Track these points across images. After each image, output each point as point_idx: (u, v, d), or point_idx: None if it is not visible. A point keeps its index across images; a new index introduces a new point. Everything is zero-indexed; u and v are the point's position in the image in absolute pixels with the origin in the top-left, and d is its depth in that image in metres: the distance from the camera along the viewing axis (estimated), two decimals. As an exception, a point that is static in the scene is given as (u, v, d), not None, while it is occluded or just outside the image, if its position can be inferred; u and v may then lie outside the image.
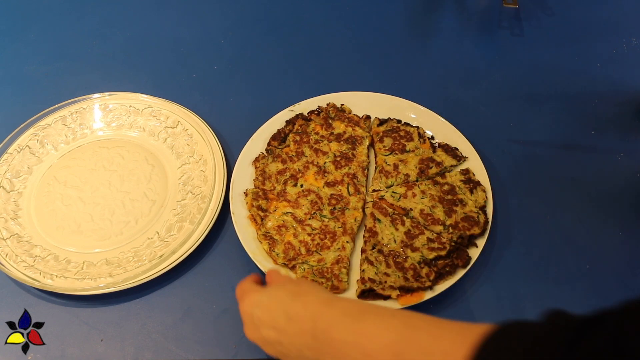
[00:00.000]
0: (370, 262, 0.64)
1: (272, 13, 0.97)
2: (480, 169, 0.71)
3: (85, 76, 0.88)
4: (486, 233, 0.65)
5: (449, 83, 0.86)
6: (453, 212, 0.68)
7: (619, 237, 0.68)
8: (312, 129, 0.77)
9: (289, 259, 0.65)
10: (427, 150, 0.74)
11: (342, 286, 0.63)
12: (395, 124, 0.77)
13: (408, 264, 0.64)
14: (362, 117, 0.78)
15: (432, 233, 0.67)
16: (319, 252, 0.66)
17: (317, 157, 0.74)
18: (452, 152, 0.73)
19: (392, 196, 0.70)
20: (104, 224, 0.70)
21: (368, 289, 0.62)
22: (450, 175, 0.71)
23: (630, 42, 0.91)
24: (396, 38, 0.93)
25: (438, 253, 0.64)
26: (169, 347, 0.61)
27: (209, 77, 0.87)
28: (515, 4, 0.93)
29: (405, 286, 0.61)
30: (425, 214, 0.68)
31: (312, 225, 0.68)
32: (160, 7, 0.98)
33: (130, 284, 0.63)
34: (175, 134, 0.78)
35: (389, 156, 0.74)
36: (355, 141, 0.75)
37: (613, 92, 0.83)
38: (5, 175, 0.74)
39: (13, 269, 0.65)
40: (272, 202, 0.70)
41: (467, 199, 0.69)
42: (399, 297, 0.61)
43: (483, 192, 0.69)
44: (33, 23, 0.97)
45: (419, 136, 0.75)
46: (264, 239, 0.66)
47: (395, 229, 0.67)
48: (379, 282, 0.62)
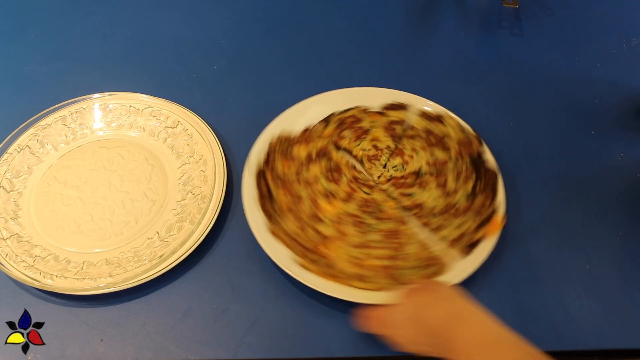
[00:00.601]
0: (439, 227, 0.66)
1: (272, 13, 0.97)
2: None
3: (85, 76, 0.88)
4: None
5: (448, 83, 0.86)
6: (446, 146, 0.73)
7: (619, 237, 0.68)
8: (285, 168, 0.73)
9: (391, 277, 0.62)
10: (380, 119, 0.77)
11: (447, 262, 0.63)
12: (337, 117, 0.78)
13: (461, 207, 0.68)
14: (307, 130, 0.76)
15: (450, 172, 0.71)
16: (401, 253, 0.64)
17: (311, 188, 0.70)
18: (398, 106, 0.77)
19: (395, 170, 0.72)
20: (104, 224, 0.70)
21: (466, 243, 0.64)
22: (415, 123, 0.76)
23: (630, 42, 0.91)
24: (396, 38, 0.93)
25: (471, 181, 0.69)
26: (169, 347, 0.61)
27: (209, 77, 0.87)
28: (515, 4, 0.93)
29: (478, 223, 0.66)
30: (431, 163, 0.72)
31: (375, 239, 0.65)
32: (160, 7, 0.99)
33: (130, 284, 0.63)
34: (175, 134, 0.78)
35: (361, 143, 0.75)
36: (325, 154, 0.74)
37: (613, 92, 0.83)
38: (5, 175, 0.74)
39: (13, 269, 0.65)
40: (322, 250, 0.65)
41: (444, 129, 0.75)
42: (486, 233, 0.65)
43: (450, 118, 0.75)
44: (33, 23, 0.97)
45: (363, 112, 0.78)
46: (356, 279, 0.62)
47: (427, 190, 0.70)
48: (463, 234, 0.65)
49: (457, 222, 0.67)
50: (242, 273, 0.66)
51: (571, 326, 0.61)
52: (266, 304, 0.63)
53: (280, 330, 0.61)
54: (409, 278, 0.62)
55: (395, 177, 0.72)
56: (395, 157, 0.74)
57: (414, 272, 0.63)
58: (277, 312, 0.63)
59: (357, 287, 0.61)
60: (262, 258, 0.65)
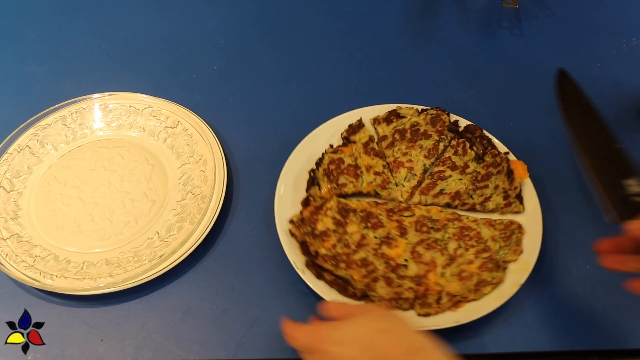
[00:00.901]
0: (484, 201, 0.69)
1: (273, 13, 0.97)
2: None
3: (85, 76, 0.88)
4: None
5: (448, 83, 0.86)
6: (425, 133, 0.75)
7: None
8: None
9: (496, 266, 0.63)
10: (353, 148, 0.74)
11: (518, 221, 0.66)
12: (321, 172, 0.71)
13: (481, 172, 0.71)
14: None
15: (447, 152, 0.73)
16: (484, 241, 0.65)
17: (367, 246, 0.65)
18: (356, 128, 0.75)
19: (408, 181, 0.72)
20: (104, 224, 0.70)
21: (514, 198, 0.68)
22: (382, 132, 0.75)
23: (630, 42, 0.91)
24: (396, 38, 0.93)
25: (468, 148, 0.73)
26: (169, 347, 0.61)
27: (209, 77, 0.87)
28: (515, 4, 0.93)
29: (505, 175, 0.69)
30: (428, 155, 0.73)
31: (454, 247, 0.65)
32: (160, 7, 0.98)
33: (130, 284, 0.63)
34: (175, 134, 0.78)
35: (363, 179, 0.71)
36: (345, 210, 0.68)
37: (613, 92, 0.83)
38: (5, 175, 0.74)
39: (13, 269, 0.65)
40: (429, 288, 0.61)
41: (408, 121, 0.76)
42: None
43: (404, 109, 0.76)
44: (33, 23, 0.97)
45: (336, 152, 0.73)
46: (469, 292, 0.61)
47: (447, 179, 0.71)
48: (504, 191, 0.68)
49: (491, 186, 0.70)
50: (242, 273, 0.66)
51: (571, 326, 0.61)
52: (266, 304, 0.63)
53: (280, 330, 0.61)
54: (509, 257, 0.63)
55: (414, 187, 0.71)
56: (398, 171, 0.72)
57: (507, 250, 0.64)
58: (277, 312, 0.63)
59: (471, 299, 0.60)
60: (262, 258, 0.65)
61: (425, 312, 0.59)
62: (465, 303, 0.60)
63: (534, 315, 0.62)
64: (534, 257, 0.63)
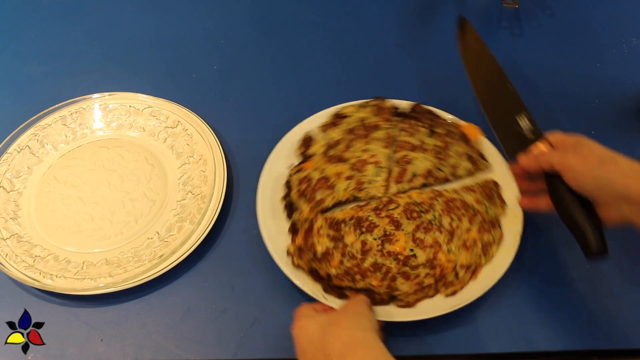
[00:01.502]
0: (454, 170, 0.71)
1: (273, 13, 0.97)
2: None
3: (85, 76, 0.88)
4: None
5: (448, 83, 0.85)
6: (372, 126, 0.75)
7: (619, 236, 0.68)
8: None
9: (492, 225, 0.66)
10: (314, 162, 0.72)
11: (492, 178, 0.71)
12: (293, 197, 0.69)
13: (439, 145, 0.72)
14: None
15: (400, 136, 0.74)
16: (472, 208, 0.67)
17: (372, 250, 0.65)
18: (307, 141, 0.74)
19: (379, 175, 0.71)
20: (104, 224, 0.70)
21: (478, 158, 0.72)
22: (333, 137, 0.74)
23: (630, 42, 0.91)
24: (396, 38, 0.93)
25: (416, 126, 0.74)
26: (169, 347, 0.61)
27: (209, 77, 0.87)
28: (515, 4, 0.93)
29: (459, 140, 0.72)
30: (385, 145, 0.73)
31: (449, 222, 0.67)
32: (160, 7, 0.98)
33: (130, 284, 0.63)
34: (175, 134, 0.78)
35: (336, 189, 0.70)
36: (335, 224, 0.67)
37: (613, 92, 0.83)
38: (5, 175, 0.74)
39: (13, 269, 0.65)
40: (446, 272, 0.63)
41: (352, 119, 0.75)
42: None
43: (346, 108, 0.76)
44: (33, 23, 0.97)
45: (301, 169, 0.71)
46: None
47: (414, 161, 0.72)
48: (468, 156, 0.72)
49: (454, 154, 0.72)
50: (242, 273, 0.66)
51: (571, 326, 0.61)
52: (266, 304, 0.63)
53: (280, 330, 0.61)
54: (498, 213, 0.67)
55: (387, 179, 0.71)
56: (365, 169, 0.71)
57: (493, 207, 0.68)
58: (277, 312, 0.63)
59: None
60: (262, 258, 0.65)
61: (452, 291, 0.61)
62: (481, 269, 0.63)
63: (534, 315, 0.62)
64: (518, 208, 0.67)
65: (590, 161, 0.54)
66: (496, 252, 0.64)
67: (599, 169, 0.53)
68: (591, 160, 0.54)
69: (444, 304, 0.60)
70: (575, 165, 0.55)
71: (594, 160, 0.54)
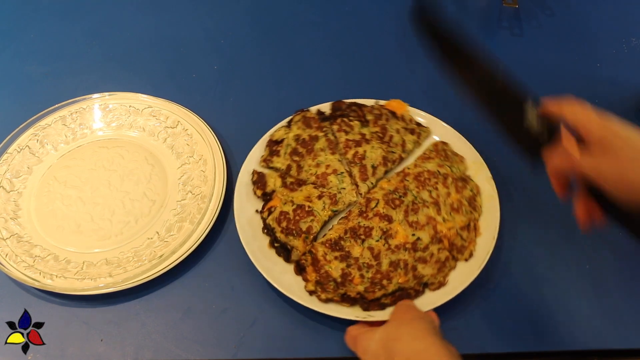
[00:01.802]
0: (403, 148, 0.74)
1: (273, 13, 0.97)
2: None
3: (85, 76, 0.88)
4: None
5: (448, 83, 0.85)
6: (314, 139, 0.74)
7: (619, 236, 0.68)
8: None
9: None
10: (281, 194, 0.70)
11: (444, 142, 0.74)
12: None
13: (379, 132, 0.75)
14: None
15: (341, 140, 0.74)
16: (442, 175, 0.70)
17: (368, 266, 0.64)
18: (260, 178, 0.71)
19: (343, 179, 0.71)
20: (104, 224, 0.70)
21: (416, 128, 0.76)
22: (290, 140, 0.75)
23: (630, 42, 0.91)
24: (396, 38, 0.93)
25: (352, 123, 0.75)
26: (169, 347, 0.61)
27: (209, 77, 0.87)
28: (515, 3, 0.93)
29: (393, 118, 0.76)
30: (328, 153, 0.73)
31: (433, 195, 0.68)
32: (160, 7, 0.99)
33: (130, 284, 0.63)
34: (175, 134, 0.78)
35: (316, 214, 0.68)
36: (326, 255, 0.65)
37: (613, 92, 0.83)
38: (5, 175, 0.74)
39: (13, 269, 0.65)
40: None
41: (292, 134, 0.75)
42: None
43: (293, 124, 0.76)
44: (33, 23, 0.97)
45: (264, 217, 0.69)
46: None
47: (366, 156, 0.73)
48: (411, 130, 0.75)
49: (394, 133, 0.75)
50: (242, 273, 0.66)
51: (571, 326, 0.61)
52: (266, 304, 0.63)
53: (279, 330, 0.61)
54: (461, 167, 0.72)
55: (352, 182, 0.70)
56: (328, 182, 0.70)
57: (454, 164, 0.72)
58: (276, 312, 0.63)
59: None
60: (262, 258, 0.65)
61: (468, 253, 0.64)
62: (479, 223, 0.67)
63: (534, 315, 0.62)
64: (475, 152, 0.72)
65: (623, 162, 0.44)
66: (482, 202, 0.69)
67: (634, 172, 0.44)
68: (624, 161, 0.44)
69: (468, 268, 0.63)
70: (608, 173, 0.45)
71: (626, 161, 0.44)
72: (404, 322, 0.53)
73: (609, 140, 0.46)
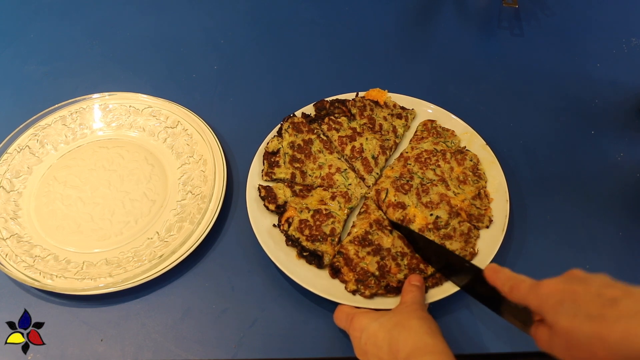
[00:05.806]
0: (395, 134, 0.76)
1: (272, 13, 0.97)
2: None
3: (85, 76, 0.88)
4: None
5: (448, 83, 0.86)
6: (308, 142, 0.75)
7: (619, 237, 0.68)
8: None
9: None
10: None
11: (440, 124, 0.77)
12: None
13: (370, 123, 0.76)
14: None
15: (334, 143, 0.75)
16: (440, 163, 0.72)
17: (392, 254, 0.65)
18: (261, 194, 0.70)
19: (348, 177, 0.72)
20: (104, 224, 0.70)
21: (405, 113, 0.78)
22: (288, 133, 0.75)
23: (630, 42, 0.91)
24: (396, 38, 0.93)
25: (339, 119, 0.76)
26: (169, 347, 0.61)
27: (209, 77, 0.87)
28: (515, 4, 0.93)
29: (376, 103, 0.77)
30: (325, 150, 0.75)
31: (438, 174, 0.71)
32: (160, 7, 0.99)
33: (130, 284, 0.63)
34: (175, 134, 0.78)
35: (330, 217, 0.68)
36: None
37: (613, 92, 0.83)
38: (5, 175, 0.74)
39: (13, 269, 0.65)
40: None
41: (284, 142, 0.74)
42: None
43: (284, 132, 0.75)
44: (33, 23, 0.97)
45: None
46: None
47: (365, 148, 0.74)
48: (398, 115, 0.77)
49: (382, 122, 0.76)
50: (242, 273, 0.66)
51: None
52: (266, 304, 0.63)
53: (279, 330, 0.62)
54: (455, 140, 0.74)
55: (358, 176, 0.72)
56: (334, 181, 0.71)
57: (448, 139, 0.74)
58: (276, 313, 0.63)
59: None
60: (262, 258, 0.65)
61: (487, 220, 0.67)
62: (488, 191, 0.70)
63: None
64: (463, 124, 0.75)
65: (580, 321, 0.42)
66: (485, 169, 0.71)
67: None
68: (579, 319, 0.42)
69: (490, 234, 0.65)
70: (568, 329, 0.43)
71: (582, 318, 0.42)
72: (416, 316, 0.54)
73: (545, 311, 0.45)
